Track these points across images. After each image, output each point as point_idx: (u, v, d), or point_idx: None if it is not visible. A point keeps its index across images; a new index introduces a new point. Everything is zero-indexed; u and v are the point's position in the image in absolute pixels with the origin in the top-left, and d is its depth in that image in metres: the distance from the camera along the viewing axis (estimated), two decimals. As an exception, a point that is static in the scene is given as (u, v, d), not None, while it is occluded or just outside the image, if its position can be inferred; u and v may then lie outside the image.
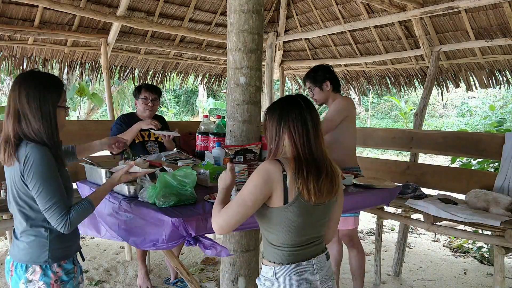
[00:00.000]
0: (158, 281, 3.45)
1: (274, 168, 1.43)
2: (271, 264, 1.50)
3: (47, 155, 1.51)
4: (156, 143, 3.17)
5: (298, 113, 1.47)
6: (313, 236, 1.52)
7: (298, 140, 1.45)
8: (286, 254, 1.48)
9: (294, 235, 1.47)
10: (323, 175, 1.45)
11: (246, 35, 2.00)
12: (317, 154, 1.47)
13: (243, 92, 2.04)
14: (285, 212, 1.44)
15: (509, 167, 3.18)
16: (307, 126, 1.46)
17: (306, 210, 1.45)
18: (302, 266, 1.48)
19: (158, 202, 1.78)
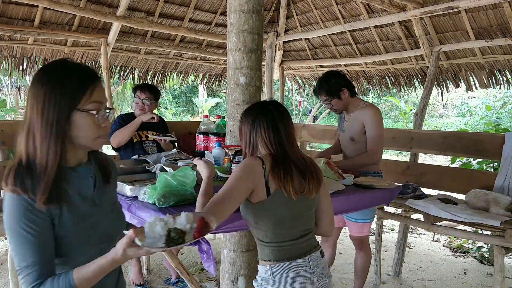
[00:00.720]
0: (158, 281, 3.45)
1: (254, 162, 1.50)
2: (267, 263, 1.52)
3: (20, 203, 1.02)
4: (154, 143, 3.18)
5: (270, 122, 1.54)
6: (302, 229, 1.55)
7: (271, 146, 1.54)
8: (279, 250, 1.50)
9: (281, 227, 1.50)
10: (297, 175, 1.52)
11: (246, 35, 1.99)
12: (293, 155, 1.55)
13: (243, 92, 2.04)
14: (268, 204, 1.48)
15: (509, 167, 3.18)
16: (279, 134, 1.54)
17: (288, 201, 1.50)
18: (298, 263, 1.50)
19: (158, 202, 1.78)
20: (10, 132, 3.30)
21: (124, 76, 5.02)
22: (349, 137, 2.79)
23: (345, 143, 2.88)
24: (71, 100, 1.06)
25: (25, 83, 6.24)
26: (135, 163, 2.69)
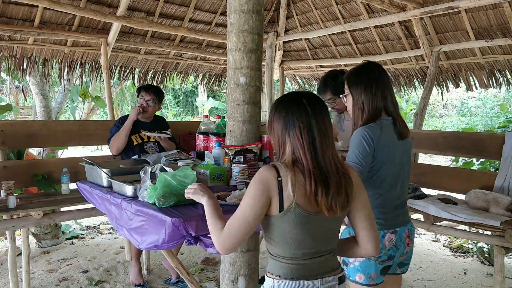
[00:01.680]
0: (158, 281, 3.45)
1: (269, 175, 1.31)
2: (271, 276, 1.37)
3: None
4: (156, 144, 3.18)
5: (302, 121, 1.32)
6: (319, 250, 1.35)
7: (302, 149, 1.31)
8: (286, 267, 1.34)
9: (292, 247, 1.33)
10: (332, 190, 1.29)
11: (246, 35, 1.99)
12: (325, 164, 1.31)
13: (243, 92, 2.04)
14: (281, 221, 1.31)
15: (509, 167, 3.18)
16: (312, 136, 1.31)
17: (304, 220, 1.30)
18: (305, 285, 1.33)
19: (158, 202, 1.78)
20: (10, 132, 3.30)
21: (124, 76, 5.02)
22: (349, 136, 2.78)
23: (347, 142, 2.87)
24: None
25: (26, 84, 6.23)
26: (135, 163, 2.69)
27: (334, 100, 2.68)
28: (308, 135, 1.31)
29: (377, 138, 1.71)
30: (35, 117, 9.19)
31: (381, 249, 1.71)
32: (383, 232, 1.73)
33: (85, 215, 3.17)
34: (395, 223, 1.77)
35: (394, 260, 1.80)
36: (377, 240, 1.41)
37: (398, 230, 1.77)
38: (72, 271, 3.60)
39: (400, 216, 1.81)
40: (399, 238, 1.77)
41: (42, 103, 5.50)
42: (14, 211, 2.77)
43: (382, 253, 1.73)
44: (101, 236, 4.69)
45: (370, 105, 1.78)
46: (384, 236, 1.73)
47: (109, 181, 2.22)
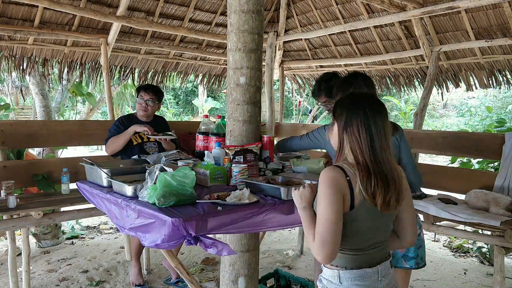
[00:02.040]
0: (158, 281, 3.45)
1: (338, 175, 1.38)
2: (335, 268, 1.46)
3: None
4: (156, 144, 3.18)
5: (361, 123, 1.40)
6: (378, 241, 1.49)
7: (360, 148, 1.40)
8: (351, 259, 1.45)
9: (359, 240, 1.44)
10: (391, 188, 1.40)
11: (246, 35, 1.99)
12: (384, 163, 1.41)
13: (243, 92, 2.04)
14: (351, 217, 1.40)
15: (509, 167, 3.18)
16: (371, 132, 1.39)
17: (371, 216, 1.42)
18: (367, 272, 1.45)
19: (158, 202, 1.78)
20: (10, 132, 3.30)
21: (124, 76, 5.02)
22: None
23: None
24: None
25: (26, 83, 6.23)
26: (135, 163, 2.69)
27: (329, 103, 2.65)
28: (366, 134, 1.39)
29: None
30: (35, 117, 9.18)
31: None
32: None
33: (85, 215, 3.17)
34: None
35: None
36: (416, 234, 1.59)
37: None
38: (72, 271, 3.60)
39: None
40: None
41: (42, 103, 5.50)
42: (14, 211, 2.77)
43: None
44: (101, 236, 4.69)
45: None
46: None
47: (109, 181, 2.21)
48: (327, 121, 15.21)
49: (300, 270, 3.80)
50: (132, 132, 3.05)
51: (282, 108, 5.80)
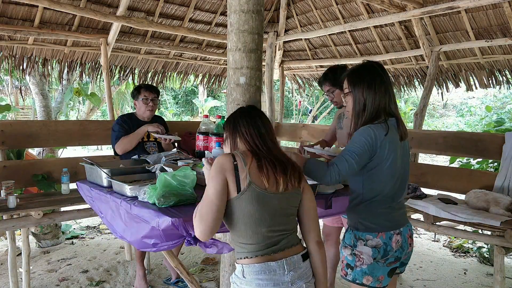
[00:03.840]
0: (158, 281, 3.45)
1: (225, 159, 1.51)
2: (240, 262, 1.50)
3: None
4: (155, 144, 3.18)
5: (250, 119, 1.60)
6: (279, 229, 1.49)
7: (251, 140, 1.57)
8: (252, 250, 1.47)
9: (254, 226, 1.46)
10: (279, 170, 1.50)
11: (246, 35, 1.99)
12: (274, 150, 1.58)
13: (243, 92, 2.04)
14: (240, 201, 1.46)
15: (509, 167, 3.19)
16: (259, 129, 1.59)
17: (261, 198, 1.46)
18: (271, 266, 1.45)
19: (158, 202, 1.78)
20: (10, 132, 3.30)
21: (124, 76, 5.02)
22: (347, 133, 2.81)
23: (343, 140, 2.90)
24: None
25: (26, 83, 6.23)
26: (135, 163, 2.69)
27: (332, 92, 2.75)
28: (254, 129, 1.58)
29: (381, 137, 1.69)
30: (35, 117, 9.19)
31: (389, 251, 1.73)
32: (389, 233, 1.74)
33: (85, 215, 3.17)
34: (398, 224, 1.79)
35: (400, 262, 1.80)
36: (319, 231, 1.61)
37: (402, 230, 1.78)
38: (72, 271, 3.60)
39: (401, 216, 1.83)
40: (404, 238, 1.78)
41: (41, 103, 5.51)
42: (14, 211, 2.77)
43: (390, 255, 1.74)
44: (101, 236, 4.69)
45: (372, 104, 1.76)
46: (391, 238, 1.74)
47: (109, 181, 2.21)
48: (327, 121, 15.21)
49: (300, 270, 3.79)
50: (144, 132, 3.04)
51: (282, 108, 5.80)
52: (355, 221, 1.80)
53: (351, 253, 1.78)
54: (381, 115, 1.76)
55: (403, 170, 1.81)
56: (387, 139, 1.70)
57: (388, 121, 1.74)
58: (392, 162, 1.73)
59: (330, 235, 3.00)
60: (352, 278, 1.77)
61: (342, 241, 1.86)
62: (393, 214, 1.78)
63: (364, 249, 1.74)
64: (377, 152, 1.70)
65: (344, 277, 1.82)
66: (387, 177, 1.74)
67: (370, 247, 1.74)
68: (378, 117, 1.75)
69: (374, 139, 1.69)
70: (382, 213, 1.75)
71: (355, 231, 1.79)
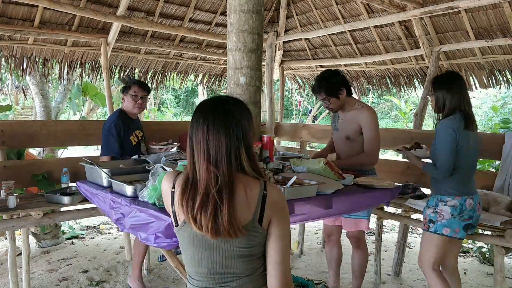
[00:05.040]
0: (158, 281, 3.45)
1: (167, 183, 1.28)
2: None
3: None
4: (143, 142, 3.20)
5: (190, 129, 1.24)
6: (224, 272, 1.23)
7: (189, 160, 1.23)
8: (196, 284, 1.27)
9: (194, 265, 1.25)
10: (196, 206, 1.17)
11: (246, 35, 2.00)
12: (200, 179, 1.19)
13: (243, 92, 2.04)
14: (179, 236, 1.26)
15: (509, 167, 3.18)
16: (192, 145, 1.22)
17: (198, 240, 1.21)
18: None
19: (158, 202, 1.78)
20: (10, 132, 3.30)
21: (124, 76, 5.02)
22: (345, 136, 2.81)
23: (340, 141, 2.89)
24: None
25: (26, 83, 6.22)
26: (135, 163, 2.69)
27: (328, 100, 2.71)
28: (189, 147, 1.23)
29: (457, 125, 2.31)
30: (35, 117, 9.19)
31: (463, 210, 2.34)
32: (464, 198, 2.35)
33: (85, 215, 3.17)
34: (470, 191, 2.39)
35: (473, 220, 2.40)
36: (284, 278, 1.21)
37: (473, 197, 2.39)
38: (72, 271, 3.60)
39: (473, 186, 2.44)
40: (474, 203, 2.39)
41: (42, 103, 5.50)
42: (14, 211, 2.77)
43: (464, 213, 2.34)
44: (101, 236, 4.69)
45: (449, 103, 2.38)
46: (466, 201, 2.35)
47: (109, 181, 2.22)
48: (327, 121, 15.22)
49: (300, 270, 3.80)
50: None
51: (282, 108, 5.80)
52: (438, 189, 2.41)
53: (433, 211, 2.41)
54: (455, 112, 2.36)
55: (474, 151, 2.42)
56: (461, 128, 2.32)
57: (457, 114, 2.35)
58: (467, 145, 2.34)
59: (332, 235, 3.00)
60: (434, 230, 2.39)
61: (427, 204, 2.48)
62: (468, 184, 2.39)
63: (444, 208, 2.36)
64: (458, 138, 2.30)
65: (426, 230, 2.44)
66: (465, 156, 2.34)
67: (449, 207, 2.35)
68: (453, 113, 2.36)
69: (455, 130, 2.30)
70: (459, 182, 2.36)
71: (438, 195, 2.41)
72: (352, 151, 2.78)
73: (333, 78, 2.68)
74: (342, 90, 2.69)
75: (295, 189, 2.00)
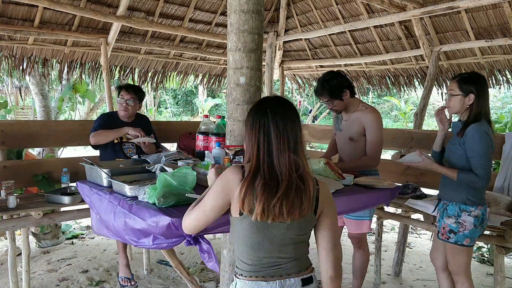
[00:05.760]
0: (159, 281, 3.45)
1: (234, 176, 1.36)
2: (235, 274, 1.44)
3: None
4: (134, 145, 3.19)
5: (263, 124, 1.33)
6: (280, 256, 1.38)
7: (259, 151, 1.34)
8: (247, 270, 1.39)
9: (252, 250, 1.37)
10: (280, 192, 1.29)
11: (246, 35, 1.99)
12: (280, 168, 1.32)
13: (243, 92, 2.04)
14: (241, 223, 1.36)
15: (509, 167, 3.18)
16: (270, 137, 1.33)
17: (261, 226, 1.34)
18: (262, 285, 1.36)
19: (158, 202, 1.78)
20: (10, 132, 3.30)
21: (124, 76, 5.02)
22: (348, 137, 2.79)
23: (342, 142, 2.88)
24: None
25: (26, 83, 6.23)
26: (135, 163, 2.69)
27: (332, 102, 2.71)
28: (263, 138, 1.33)
29: (490, 131, 2.20)
30: (35, 117, 9.19)
31: (484, 220, 2.26)
32: (485, 207, 2.28)
33: (85, 215, 3.16)
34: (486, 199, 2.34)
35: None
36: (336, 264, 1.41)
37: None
38: (72, 271, 3.60)
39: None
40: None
41: (41, 103, 5.51)
42: (14, 211, 2.77)
43: (484, 223, 2.28)
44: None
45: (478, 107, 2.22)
46: (486, 210, 2.28)
47: (109, 181, 2.21)
48: (328, 121, 15.22)
49: (300, 270, 3.80)
50: (124, 132, 3.09)
51: (282, 108, 5.80)
52: (462, 197, 2.26)
53: (455, 222, 2.26)
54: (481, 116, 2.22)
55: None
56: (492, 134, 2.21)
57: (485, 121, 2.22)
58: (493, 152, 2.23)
59: None
60: (455, 241, 2.27)
61: (445, 212, 2.32)
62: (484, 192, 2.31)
63: (468, 218, 2.23)
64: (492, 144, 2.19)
65: (445, 240, 2.30)
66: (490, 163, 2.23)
67: (473, 217, 2.22)
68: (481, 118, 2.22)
69: (490, 135, 2.17)
70: (482, 191, 2.27)
71: (461, 205, 2.26)
72: (355, 151, 2.77)
73: (335, 80, 2.67)
74: (345, 91, 2.68)
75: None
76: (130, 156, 3.07)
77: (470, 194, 2.24)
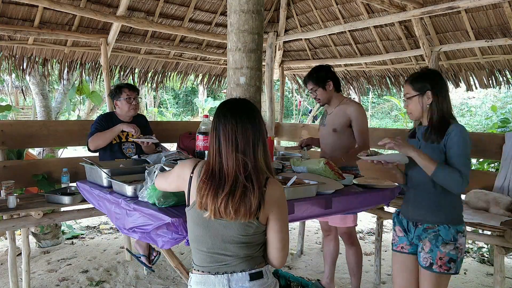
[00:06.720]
0: (158, 281, 3.45)
1: (187, 168, 1.47)
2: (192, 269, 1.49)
3: None
4: (133, 145, 3.18)
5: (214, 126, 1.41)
6: (223, 253, 1.39)
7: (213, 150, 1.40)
8: (197, 262, 1.45)
9: (197, 243, 1.43)
10: (223, 192, 1.32)
11: (246, 35, 1.99)
12: (227, 168, 1.35)
13: (243, 92, 2.04)
14: (188, 214, 1.45)
15: (509, 167, 3.18)
16: (219, 137, 1.38)
17: (202, 220, 1.38)
18: (210, 279, 1.39)
19: (158, 202, 1.78)
20: (10, 132, 3.30)
21: (124, 76, 5.02)
22: (331, 128, 2.92)
23: (326, 134, 3.00)
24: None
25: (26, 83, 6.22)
26: (135, 163, 2.69)
27: (315, 90, 2.89)
28: (215, 139, 1.40)
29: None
30: (35, 117, 9.19)
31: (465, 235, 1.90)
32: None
33: (85, 215, 3.16)
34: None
35: None
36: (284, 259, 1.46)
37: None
38: (72, 271, 3.60)
39: None
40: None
41: (42, 103, 5.50)
42: (14, 211, 2.77)
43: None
44: (101, 236, 4.69)
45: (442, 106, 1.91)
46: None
47: (109, 181, 2.22)
48: (327, 121, 15.20)
49: (300, 270, 3.80)
50: (118, 130, 3.06)
51: (282, 108, 5.80)
52: (453, 215, 1.88)
53: (454, 248, 1.84)
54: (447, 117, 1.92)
55: None
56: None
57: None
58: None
59: (330, 231, 3.03)
60: (455, 271, 1.85)
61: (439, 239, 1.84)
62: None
63: (462, 240, 1.87)
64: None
65: (446, 272, 1.84)
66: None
67: (465, 237, 1.88)
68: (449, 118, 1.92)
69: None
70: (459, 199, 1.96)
71: (455, 226, 1.86)
72: (337, 142, 2.91)
73: (321, 70, 2.87)
74: (329, 82, 2.85)
75: (295, 189, 2.00)
76: (129, 156, 3.07)
77: (459, 207, 1.93)
